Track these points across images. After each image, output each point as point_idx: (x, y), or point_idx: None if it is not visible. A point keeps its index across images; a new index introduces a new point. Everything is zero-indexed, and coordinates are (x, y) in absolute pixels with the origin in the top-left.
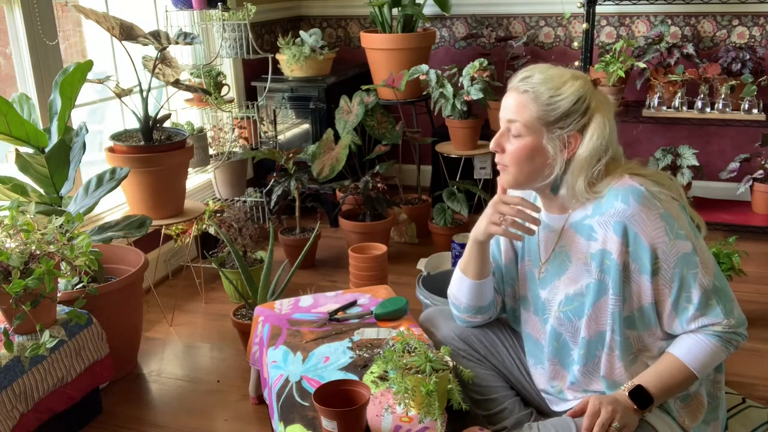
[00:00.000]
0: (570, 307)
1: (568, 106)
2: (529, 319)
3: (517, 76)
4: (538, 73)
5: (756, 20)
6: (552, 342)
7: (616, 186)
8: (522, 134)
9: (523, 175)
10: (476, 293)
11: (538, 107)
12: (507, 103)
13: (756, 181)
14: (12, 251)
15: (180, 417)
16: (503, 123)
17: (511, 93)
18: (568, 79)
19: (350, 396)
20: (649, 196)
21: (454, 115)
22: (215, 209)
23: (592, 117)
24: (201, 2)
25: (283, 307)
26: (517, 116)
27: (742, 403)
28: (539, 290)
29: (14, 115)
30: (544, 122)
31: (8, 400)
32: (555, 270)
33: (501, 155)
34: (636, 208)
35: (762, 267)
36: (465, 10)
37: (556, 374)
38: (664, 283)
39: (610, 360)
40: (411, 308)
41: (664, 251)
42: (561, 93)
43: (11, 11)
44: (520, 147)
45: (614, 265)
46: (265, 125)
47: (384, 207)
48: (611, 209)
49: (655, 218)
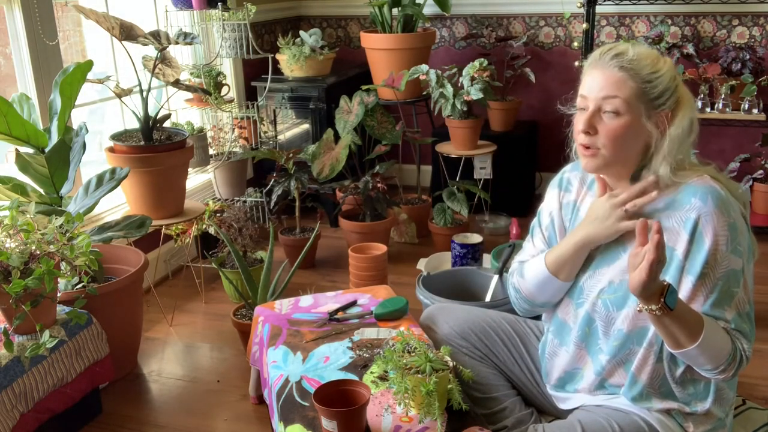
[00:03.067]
0: (611, 296)
1: (666, 82)
2: (562, 301)
3: (604, 53)
4: (631, 49)
5: (756, 20)
6: (583, 327)
7: (696, 184)
8: (621, 112)
9: (616, 156)
10: (561, 292)
11: (637, 84)
12: (598, 80)
13: (756, 181)
14: (12, 251)
15: (180, 417)
16: (593, 102)
17: (603, 70)
18: (657, 56)
19: (350, 396)
20: (727, 202)
21: (454, 115)
22: (215, 209)
23: (682, 96)
24: (201, 2)
25: (283, 307)
26: (616, 92)
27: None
28: (580, 273)
29: (14, 115)
30: (645, 99)
31: (8, 400)
32: (606, 259)
33: (592, 137)
34: (712, 208)
35: (762, 267)
36: (465, 10)
37: (581, 359)
38: (704, 290)
39: (645, 356)
40: (411, 308)
41: (717, 260)
42: (659, 69)
43: (11, 11)
44: (621, 125)
45: (676, 261)
46: (265, 125)
47: (384, 207)
48: (687, 205)
49: (724, 224)
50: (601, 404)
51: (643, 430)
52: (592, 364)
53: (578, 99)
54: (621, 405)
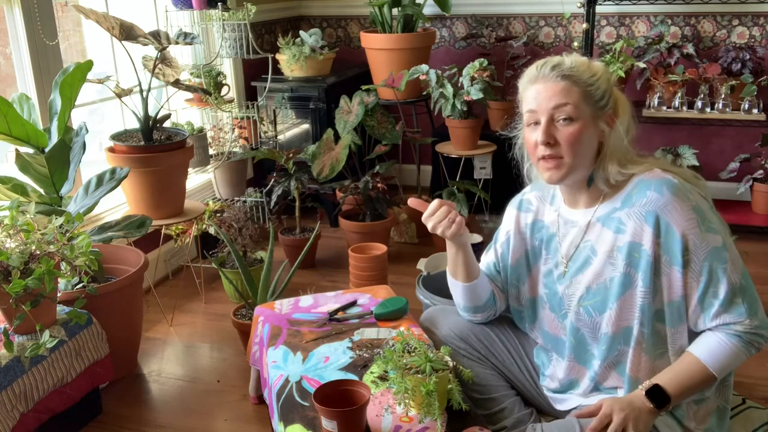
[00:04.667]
0: (591, 302)
1: (605, 85)
2: (546, 317)
3: (540, 67)
4: (567, 60)
5: (756, 20)
6: (570, 338)
7: (648, 177)
8: (574, 117)
9: (578, 162)
10: (472, 294)
11: (581, 89)
12: (544, 92)
13: (756, 181)
14: (12, 251)
15: (180, 417)
16: (545, 114)
17: (545, 83)
18: (589, 62)
19: (350, 396)
20: (683, 188)
21: (454, 115)
22: (215, 209)
23: (617, 96)
24: (201, 2)
25: (283, 307)
26: (566, 99)
27: (743, 403)
28: (557, 286)
29: (14, 115)
30: (591, 102)
31: (8, 400)
32: (578, 266)
33: (553, 147)
34: (669, 197)
35: (762, 267)
36: (465, 10)
37: (574, 369)
38: (692, 276)
39: (637, 354)
40: (411, 308)
41: (695, 243)
42: (596, 73)
43: (11, 11)
44: (577, 129)
45: (645, 256)
46: (265, 125)
47: (384, 207)
48: (643, 199)
49: (687, 209)
50: None
51: None
52: (586, 371)
53: (526, 116)
54: None
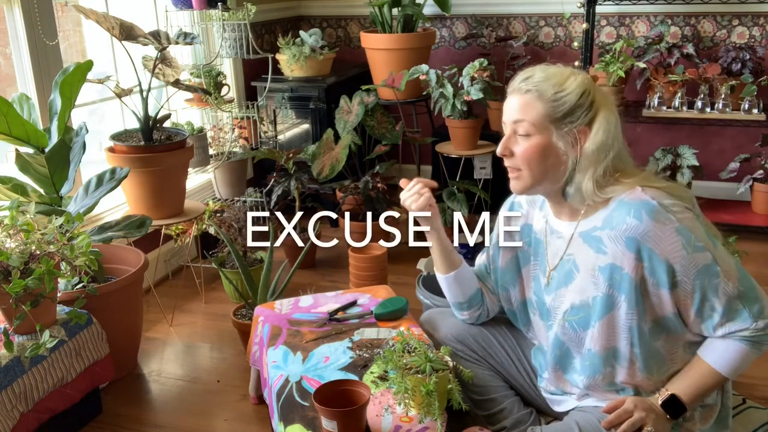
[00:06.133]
0: (575, 318)
1: (575, 100)
2: (536, 323)
3: (517, 78)
4: (539, 72)
5: (756, 20)
6: (555, 350)
7: (628, 199)
8: (531, 133)
9: (535, 176)
10: (454, 287)
11: (543, 104)
12: (510, 105)
13: (756, 181)
14: (12, 251)
15: (180, 417)
16: (508, 127)
17: (513, 95)
18: (570, 74)
19: (350, 396)
20: (662, 211)
21: (454, 115)
22: (215, 209)
23: (598, 111)
24: (201, 2)
25: (283, 307)
26: (523, 116)
27: (743, 403)
28: (545, 296)
29: (14, 115)
30: (552, 119)
31: (8, 400)
32: (562, 278)
33: (511, 159)
34: (649, 224)
35: (762, 267)
36: (465, 10)
37: (559, 380)
38: (685, 295)
39: (631, 372)
40: (411, 308)
41: (683, 265)
42: (565, 88)
43: (11, 11)
44: (532, 146)
45: (627, 280)
46: (265, 125)
47: (384, 207)
48: (623, 225)
49: (670, 233)
50: (597, 404)
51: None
52: (570, 383)
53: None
54: None
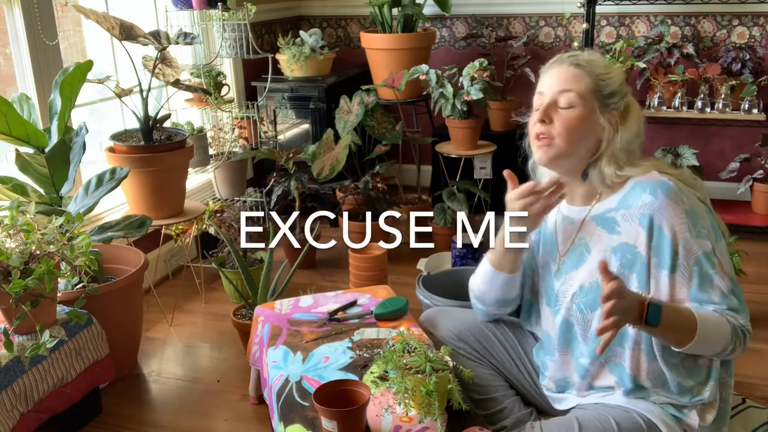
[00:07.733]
0: (584, 299)
1: (617, 84)
2: (543, 312)
3: (560, 55)
4: (586, 53)
5: (756, 20)
6: (563, 333)
7: (644, 179)
8: (575, 105)
9: (570, 147)
10: (509, 286)
11: (592, 80)
12: (556, 76)
13: (756, 181)
14: (12, 251)
15: (180, 417)
16: (549, 96)
17: (560, 67)
18: (610, 62)
19: (350, 396)
20: (678, 191)
21: (454, 115)
22: (215, 209)
23: (630, 101)
24: (201, 2)
25: (283, 307)
26: (572, 86)
27: (742, 403)
28: (554, 282)
29: (14, 115)
30: (598, 95)
31: (8, 400)
32: (573, 262)
33: (547, 126)
34: (663, 200)
35: (762, 267)
36: (465, 10)
37: (566, 365)
38: (681, 281)
39: (635, 355)
40: (411, 308)
41: (685, 247)
42: (611, 72)
43: (11, 11)
44: (575, 116)
45: (639, 258)
46: (265, 125)
47: (384, 207)
48: (639, 202)
49: (680, 213)
50: (598, 402)
51: (641, 427)
52: (575, 369)
53: (534, 98)
54: (618, 402)
